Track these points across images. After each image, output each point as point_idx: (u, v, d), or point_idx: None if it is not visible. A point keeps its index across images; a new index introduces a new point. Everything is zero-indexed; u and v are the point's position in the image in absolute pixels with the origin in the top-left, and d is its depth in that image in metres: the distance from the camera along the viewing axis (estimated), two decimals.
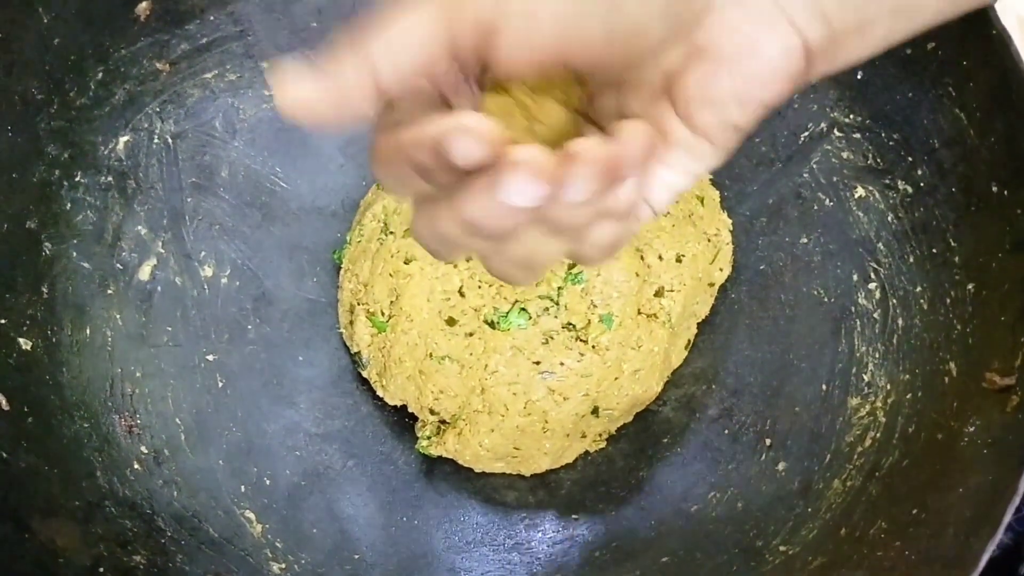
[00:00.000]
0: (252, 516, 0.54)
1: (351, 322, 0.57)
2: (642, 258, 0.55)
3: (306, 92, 0.28)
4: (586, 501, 0.56)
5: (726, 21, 0.29)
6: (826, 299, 0.56)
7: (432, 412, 0.55)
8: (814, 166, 0.57)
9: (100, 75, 0.55)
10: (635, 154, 0.28)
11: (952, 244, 0.51)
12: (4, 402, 0.49)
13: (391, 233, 0.56)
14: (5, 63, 0.51)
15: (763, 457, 0.54)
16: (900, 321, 0.53)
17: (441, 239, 0.30)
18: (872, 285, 0.54)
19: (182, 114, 0.58)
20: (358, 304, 0.56)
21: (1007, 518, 0.40)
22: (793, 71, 0.30)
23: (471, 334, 0.54)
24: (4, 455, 0.48)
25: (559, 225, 0.29)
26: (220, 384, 0.56)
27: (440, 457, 0.55)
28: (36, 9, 0.52)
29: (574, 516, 0.56)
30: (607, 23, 0.28)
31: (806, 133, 0.57)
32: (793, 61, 0.30)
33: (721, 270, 0.57)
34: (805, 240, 0.57)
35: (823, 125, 0.56)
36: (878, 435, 0.51)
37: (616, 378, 0.54)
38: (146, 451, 0.53)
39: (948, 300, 0.50)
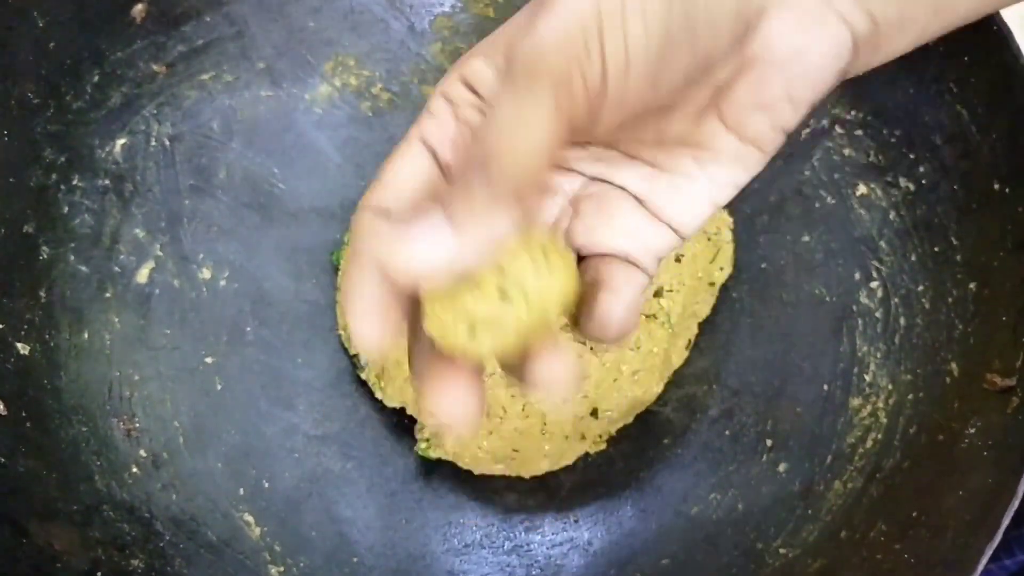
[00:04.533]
0: (251, 519, 0.54)
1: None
2: None
3: (442, 249, 0.26)
4: (586, 503, 0.56)
5: (777, 25, 0.29)
6: (828, 298, 0.55)
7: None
8: (815, 163, 0.56)
9: (96, 78, 0.55)
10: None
11: (954, 242, 0.50)
12: (2, 406, 0.49)
13: None
14: (1, 67, 0.51)
15: (764, 458, 0.54)
16: (902, 320, 0.52)
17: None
18: (874, 284, 0.54)
19: (179, 116, 0.58)
20: None
21: (1006, 520, 0.39)
22: (842, 65, 0.30)
23: None
24: (2, 459, 0.48)
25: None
26: (219, 387, 0.56)
27: (439, 459, 0.55)
28: (31, 13, 0.52)
29: (574, 518, 0.56)
30: (690, 55, 0.28)
31: (807, 130, 0.56)
32: (843, 56, 0.29)
33: (722, 269, 0.57)
34: (807, 238, 0.57)
35: (824, 122, 0.56)
36: (879, 436, 0.50)
37: (615, 379, 0.54)
38: (144, 454, 0.53)
39: (950, 299, 0.50)
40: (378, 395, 0.56)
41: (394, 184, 0.31)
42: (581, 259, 0.33)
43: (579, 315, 0.31)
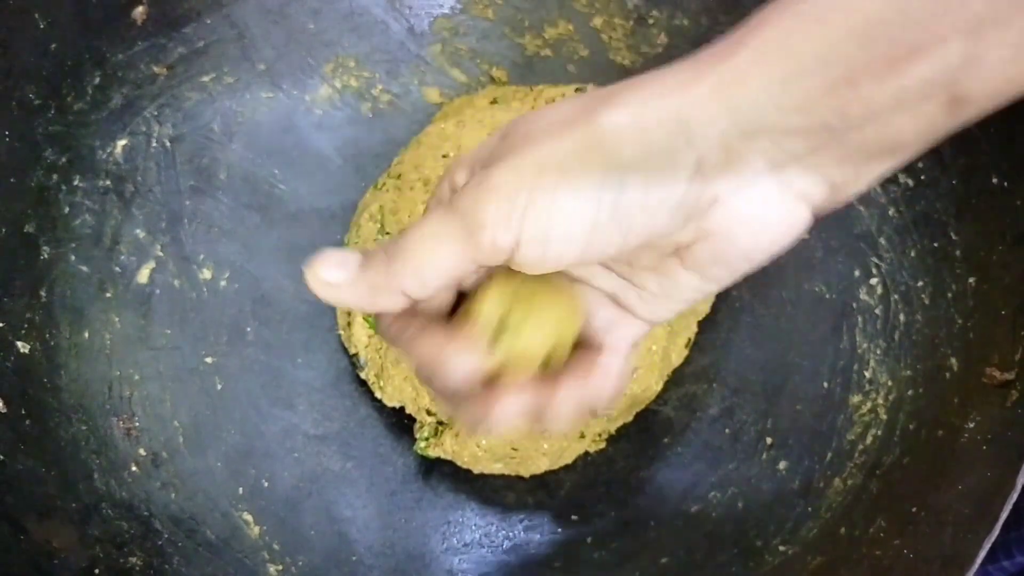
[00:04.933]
0: (250, 518, 0.54)
1: (349, 323, 0.56)
2: None
3: (343, 290, 0.33)
4: (585, 502, 0.56)
5: (733, 208, 0.30)
6: (827, 295, 0.55)
7: (430, 413, 0.55)
8: None
9: (97, 80, 0.55)
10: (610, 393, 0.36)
11: (953, 238, 0.50)
12: (2, 405, 0.49)
13: (387, 234, 0.56)
14: (2, 69, 0.51)
15: (764, 456, 0.54)
16: (902, 316, 0.52)
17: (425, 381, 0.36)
18: (874, 280, 0.54)
19: (180, 117, 0.58)
20: None
21: (1005, 513, 0.39)
22: (800, 230, 0.31)
23: None
24: (2, 457, 0.48)
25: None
26: (219, 386, 0.56)
27: (438, 458, 0.55)
28: (33, 15, 0.52)
29: (573, 517, 0.55)
30: (622, 235, 0.30)
31: None
32: (800, 227, 0.31)
33: None
34: (806, 236, 0.56)
35: None
36: (879, 432, 0.50)
37: None
38: (144, 453, 0.54)
39: (949, 294, 0.50)
40: (378, 395, 0.56)
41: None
42: None
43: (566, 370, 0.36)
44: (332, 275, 0.33)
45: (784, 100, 0.27)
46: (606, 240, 0.30)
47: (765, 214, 0.30)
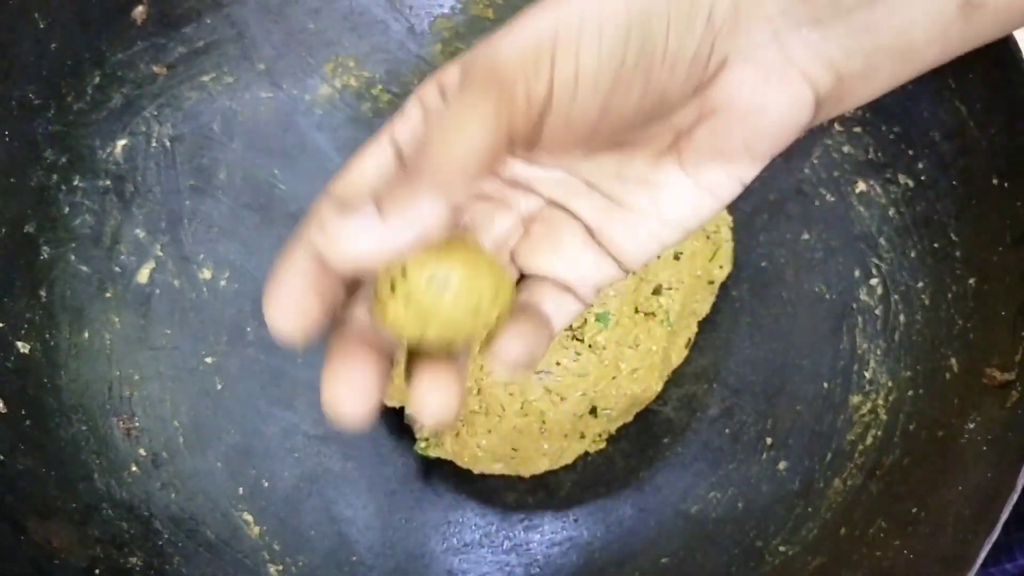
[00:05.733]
0: (250, 518, 0.54)
1: None
2: None
3: (368, 236, 0.26)
4: (585, 502, 0.56)
5: (738, 78, 0.29)
6: (827, 296, 0.55)
7: None
8: (815, 161, 0.56)
9: (97, 79, 0.55)
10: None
11: (953, 238, 0.50)
12: (2, 405, 0.49)
13: None
14: (2, 68, 0.51)
15: (764, 456, 0.54)
16: (902, 317, 0.52)
17: None
18: (874, 281, 0.54)
19: (180, 117, 0.58)
20: None
21: (1005, 515, 0.39)
22: (803, 120, 0.30)
23: None
24: (1, 457, 0.48)
25: None
26: (219, 386, 0.56)
27: (438, 458, 0.55)
28: (32, 14, 0.52)
29: (573, 517, 0.55)
30: (642, 91, 0.28)
31: None
32: (803, 112, 0.30)
33: (721, 267, 0.57)
34: (807, 236, 0.56)
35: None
36: (879, 433, 0.50)
37: (614, 377, 0.53)
38: (144, 453, 0.53)
39: (949, 295, 0.50)
40: None
41: (356, 176, 0.32)
42: (521, 278, 0.33)
43: (494, 336, 0.31)
44: (357, 224, 0.26)
45: None
46: (628, 92, 0.28)
47: (769, 87, 0.29)
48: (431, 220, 0.26)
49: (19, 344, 0.51)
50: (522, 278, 0.34)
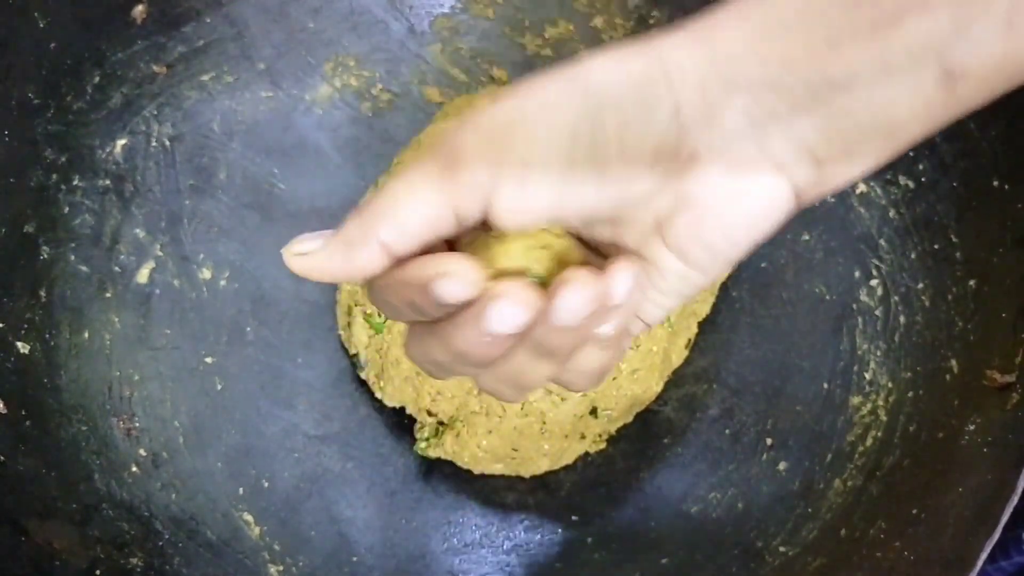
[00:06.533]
0: (250, 518, 0.54)
1: (349, 324, 0.56)
2: None
3: (318, 256, 0.30)
4: (586, 503, 0.56)
5: (710, 175, 0.29)
6: (828, 297, 0.55)
7: (430, 414, 0.55)
8: None
9: (97, 79, 0.55)
10: (622, 292, 0.30)
11: (953, 240, 0.50)
12: (2, 405, 0.49)
13: None
14: (1, 68, 0.51)
15: (764, 457, 0.54)
16: (902, 318, 0.52)
17: (434, 364, 0.32)
18: (874, 282, 0.54)
19: (179, 117, 0.58)
20: (355, 305, 0.56)
21: (1005, 517, 0.39)
22: (781, 214, 0.30)
23: None
24: (2, 458, 0.48)
25: (546, 349, 0.30)
26: (219, 386, 0.56)
27: (439, 459, 0.55)
28: (32, 14, 0.52)
29: (574, 518, 0.56)
30: (597, 185, 0.29)
31: None
32: (781, 205, 0.30)
33: None
34: (807, 237, 0.57)
35: None
36: (879, 434, 0.50)
37: (614, 378, 0.53)
38: (144, 454, 0.53)
39: (949, 296, 0.50)
40: (378, 395, 0.56)
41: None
42: None
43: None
44: (306, 245, 0.31)
45: (764, 52, 0.27)
46: (583, 185, 0.29)
47: (744, 183, 0.29)
48: (368, 261, 0.30)
49: (19, 344, 0.51)
50: None
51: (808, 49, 0.27)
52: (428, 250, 0.31)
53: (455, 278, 0.29)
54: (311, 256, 0.31)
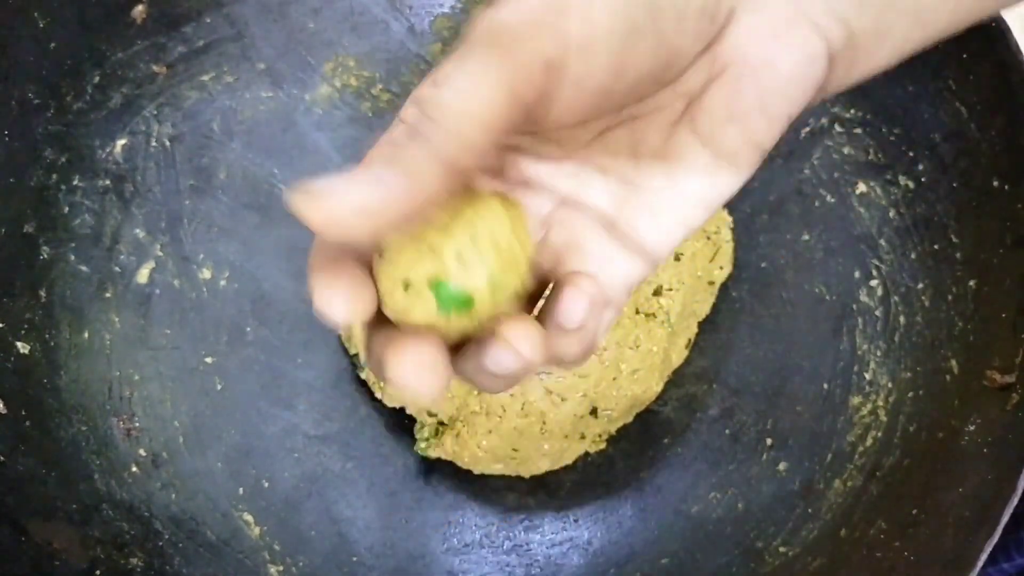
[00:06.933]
0: (250, 519, 0.54)
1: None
2: None
3: (372, 193, 0.23)
4: (586, 502, 0.56)
5: (748, 30, 0.28)
6: (828, 297, 0.55)
7: (430, 414, 0.55)
8: (815, 162, 0.56)
9: (97, 79, 0.55)
10: (579, 316, 0.28)
11: (953, 240, 0.50)
12: (2, 405, 0.49)
13: None
14: (1, 68, 0.51)
15: (764, 457, 0.54)
16: (902, 318, 0.52)
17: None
18: (874, 282, 0.54)
19: (179, 117, 0.58)
20: None
21: (1005, 517, 0.39)
22: (817, 78, 0.29)
23: None
24: (1, 458, 0.48)
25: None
26: (219, 387, 0.56)
27: (439, 459, 0.55)
28: (32, 14, 0.52)
29: (574, 518, 0.56)
30: (653, 48, 0.27)
31: (806, 129, 0.56)
32: (817, 67, 0.29)
33: (721, 268, 0.57)
34: (807, 237, 0.56)
35: (823, 121, 0.56)
36: (879, 434, 0.50)
37: (614, 378, 0.54)
38: (144, 454, 0.53)
39: (950, 297, 0.50)
40: (378, 395, 0.56)
41: None
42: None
43: (543, 310, 0.29)
44: (340, 187, 0.23)
45: None
46: (640, 51, 0.27)
47: (781, 41, 0.28)
48: (436, 185, 0.24)
49: (19, 344, 0.51)
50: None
51: None
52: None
53: (516, 355, 0.26)
54: (353, 195, 0.23)
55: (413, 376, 0.26)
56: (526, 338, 0.26)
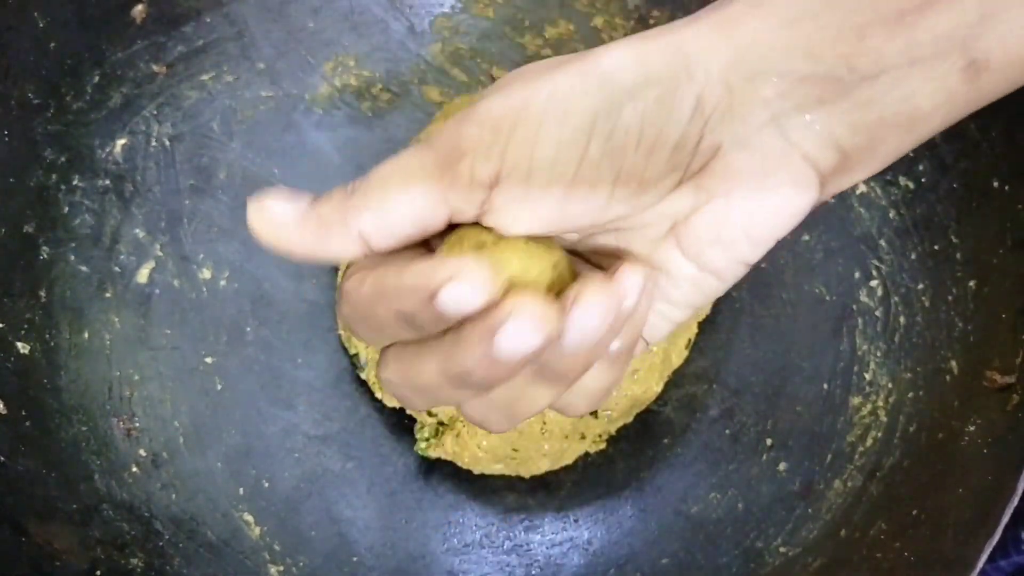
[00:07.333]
0: (250, 519, 0.54)
1: None
2: None
3: (286, 228, 0.28)
4: (586, 503, 0.56)
5: (736, 165, 0.28)
6: (827, 297, 0.55)
7: (430, 414, 0.55)
8: None
9: (97, 79, 0.55)
10: (636, 301, 0.27)
11: (954, 240, 0.50)
12: (2, 406, 0.49)
13: None
14: (2, 68, 0.51)
15: (764, 457, 0.54)
16: (902, 319, 0.52)
17: (419, 389, 0.28)
18: (874, 283, 0.54)
19: (179, 116, 0.58)
20: None
21: (1006, 518, 0.39)
22: (806, 205, 0.29)
23: None
24: (1, 458, 0.48)
25: (553, 372, 0.27)
26: (219, 387, 0.56)
27: (439, 459, 0.55)
28: (32, 13, 0.52)
29: (573, 518, 0.56)
30: (612, 178, 0.27)
31: None
32: (806, 196, 0.29)
33: None
34: (807, 237, 0.57)
35: None
36: (879, 435, 0.50)
37: None
38: (144, 454, 0.53)
39: (950, 297, 0.50)
40: (378, 395, 0.56)
41: None
42: None
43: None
44: (280, 208, 0.27)
45: (788, 42, 0.26)
46: (594, 183, 0.27)
47: (770, 176, 0.28)
48: (341, 249, 0.28)
49: (19, 344, 0.51)
50: None
51: (834, 38, 0.26)
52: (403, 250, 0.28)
53: (468, 284, 0.25)
54: (278, 224, 0.28)
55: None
56: (532, 316, 0.25)
